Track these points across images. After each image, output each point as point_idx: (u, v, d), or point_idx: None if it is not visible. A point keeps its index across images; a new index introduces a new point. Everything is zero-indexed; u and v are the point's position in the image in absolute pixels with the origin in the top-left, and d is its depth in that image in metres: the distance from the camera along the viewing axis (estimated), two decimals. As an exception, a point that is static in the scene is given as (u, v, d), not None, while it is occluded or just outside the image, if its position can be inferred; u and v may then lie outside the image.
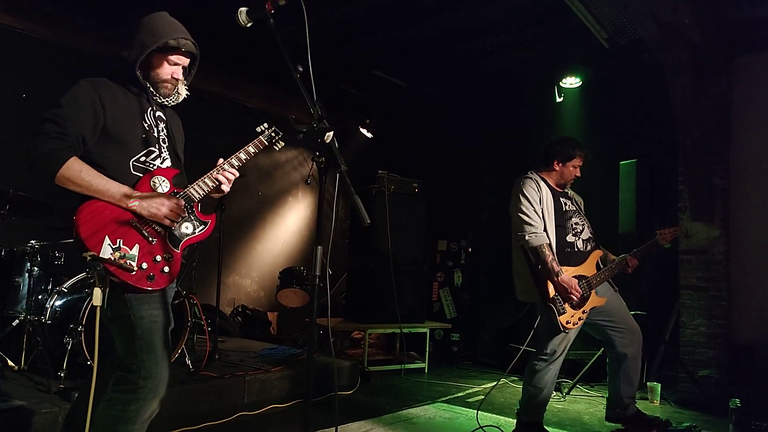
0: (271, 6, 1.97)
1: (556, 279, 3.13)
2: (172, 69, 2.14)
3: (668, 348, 5.05)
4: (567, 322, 3.16)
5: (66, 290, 3.79)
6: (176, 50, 2.11)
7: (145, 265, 1.94)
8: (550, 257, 3.16)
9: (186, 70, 2.22)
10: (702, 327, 4.97)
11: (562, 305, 3.15)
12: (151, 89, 2.14)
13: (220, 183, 2.18)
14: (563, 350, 3.28)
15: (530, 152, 6.15)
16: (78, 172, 1.88)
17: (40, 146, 1.86)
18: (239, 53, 5.87)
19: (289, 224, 7.51)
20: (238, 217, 6.67)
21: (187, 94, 2.24)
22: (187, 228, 2.11)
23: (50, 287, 3.89)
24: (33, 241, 3.87)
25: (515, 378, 5.22)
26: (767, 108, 4.89)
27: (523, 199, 3.29)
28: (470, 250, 6.56)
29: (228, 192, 2.25)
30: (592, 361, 4.78)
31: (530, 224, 3.22)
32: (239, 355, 4.78)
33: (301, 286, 5.98)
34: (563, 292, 3.13)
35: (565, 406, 4.36)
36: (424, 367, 5.60)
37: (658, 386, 4.54)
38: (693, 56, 4.29)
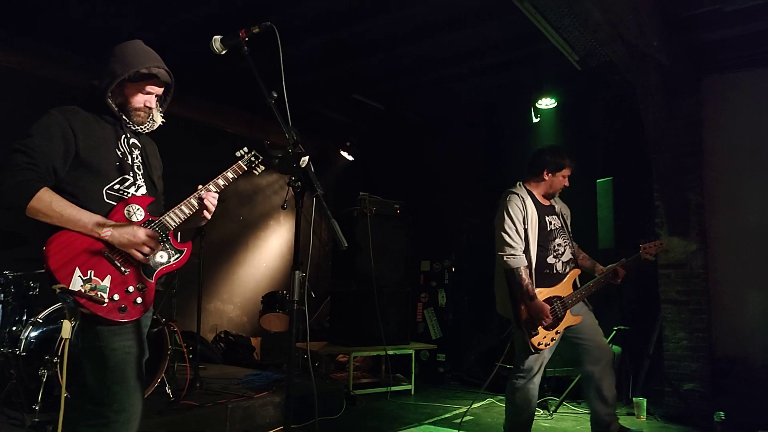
0: (245, 34, 2.00)
1: (529, 303, 3.16)
2: (145, 98, 2.12)
3: (653, 362, 5.09)
4: (539, 344, 3.18)
5: (41, 321, 3.70)
6: (149, 79, 2.09)
7: (116, 297, 1.90)
8: (526, 281, 3.19)
9: (161, 98, 2.20)
10: (684, 341, 5.02)
11: (534, 327, 3.18)
12: (125, 117, 2.11)
13: (202, 209, 2.16)
14: (539, 367, 3.28)
15: (509, 172, 6.24)
16: (48, 203, 1.85)
17: (9, 178, 1.83)
18: (218, 80, 5.90)
19: (271, 248, 7.47)
20: (219, 242, 6.62)
21: (162, 122, 2.22)
22: (161, 257, 2.08)
23: (25, 318, 3.81)
24: (6, 272, 3.80)
25: (502, 397, 5.19)
26: (735, 125, 5.05)
27: (506, 218, 3.29)
28: (453, 269, 6.58)
29: (212, 210, 2.22)
30: (578, 377, 4.77)
31: (510, 245, 3.24)
32: (221, 382, 4.70)
33: (284, 311, 5.94)
34: (535, 316, 3.16)
35: (552, 425, 4.35)
36: (411, 389, 5.56)
37: (644, 401, 4.55)
38: (662, 77, 4.42)
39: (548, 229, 3.38)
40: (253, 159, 2.29)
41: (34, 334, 3.66)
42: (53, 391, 3.36)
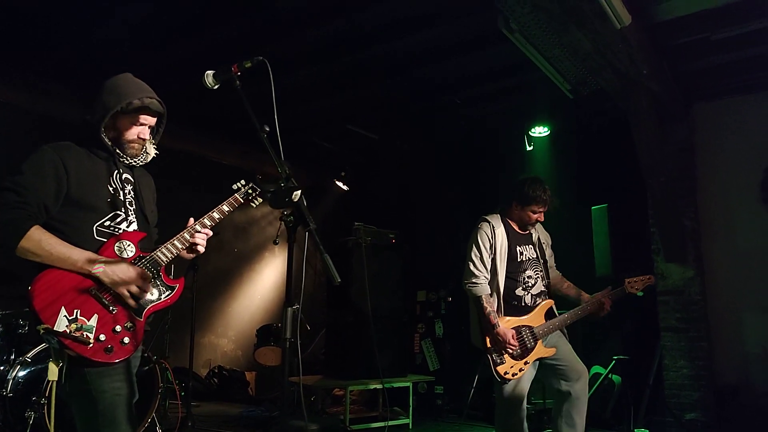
0: (237, 68, 2.00)
1: (492, 331, 3.12)
2: (138, 129, 2.09)
3: (654, 392, 5.00)
4: (505, 373, 3.11)
5: (29, 360, 3.62)
6: (141, 110, 2.07)
7: (103, 337, 1.84)
8: (488, 309, 3.15)
9: (153, 129, 2.18)
10: (685, 369, 4.94)
11: (500, 356, 3.12)
12: (118, 151, 2.08)
13: (194, 245, 2.14)
14: (516, 397, 3.17)
15: (503, 200, 6.24)
16: (38, 241, 1.81)
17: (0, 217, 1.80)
18: (211, 112, 5.93)
19: (266, 280, 7.39)
20: (214, 275, 6.55)
21: (156, 153, 2.19)
22: (152, 294, 2.01)
23: (13, 357, 3.72)
24: (-5, 310, 3.73)
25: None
26: (727, 151, 5.08)
27: (474, 247, 3.29)
28: (450, 299, 6.51)
29: (202, 252, 2.20)
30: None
31: (474, 274, 3.24)
32: (215, 420, 4.59)
33: (279, 344, 5.83)
34: (499, 344, 3.10)
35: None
36: (409, 423, 5.43)
37: (646, 432, 4.46)
38: (653, 104, 4.45)
39: (518, 259, 3.32)
40: (250, 191, 2.27)
41: (21, 374, 3.58)
42: (40, 433, 3.25)
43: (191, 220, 2.17)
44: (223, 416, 4.76)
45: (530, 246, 3.40)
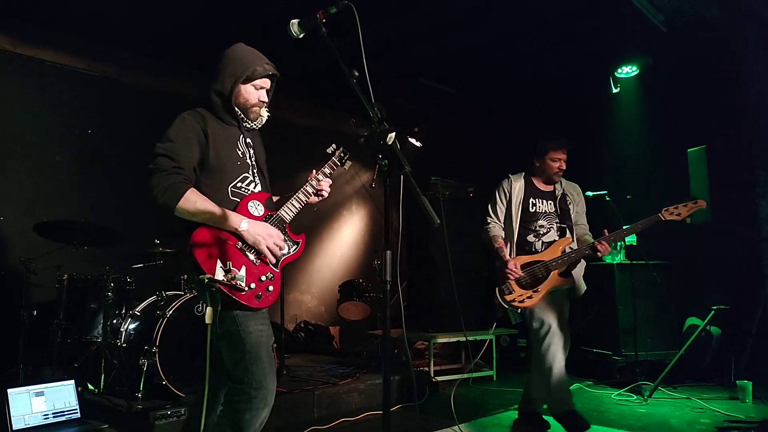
0: (322, 15, 1.97)
1: (502, 261, 3.44)
2: (259, 93, 2.26)
3: (757, 342, 4.71)
4: (512, 300, 3.36)
5: (138, 313, 3.91)
6: (261, 75, 2.24)
7: (253, 285, 2.07)
8: (497, 245, 3.53)
9: (267, 92, 2.34)
10: (793, 318, 4.61)
11: (507, 286, 3.38)
12: (242, 115, 2.26)
13: (320, 190, 2.40)
14: (546, 330, 3.32)
15: (590, 147, 5.94)
16: (194, 203, 2.01)
17: (161, 181, 1.99)
18: (289, 73, 5.96)
19: (345, 238, 7.53)
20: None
21: (268, 115, 2.36)
22: (283, 249, 2.22)
23: (124, 311, 4.03)
24: (107, 268, 4.03)
25: (590, 382, 5.02)
26: None
27: (491, 199, 3.76)
28: (532, 252, 6.37)
29: (326, 197, 2.47)
30: (673, 361, 4.52)
31: (486, 221, 3.69)
32: (306, 369, 4.80)
33: (361, 299, 5.97)
34: (504, 273, 3.38)
35: (649, 410, 4.12)
36: (493, 375, 5.45)
37: (750, 384, 4.24)
38: (761, 30, 4.03)
39: (531, 210, 3.62)
40: (342, 155, 2.49)
41: (132, 326, 3.87)
42: (153, 379, 3.53)
43: (313, 171, 2.39)
44: (313, 366, 4.97)
45: (549, 201, 3.65)
